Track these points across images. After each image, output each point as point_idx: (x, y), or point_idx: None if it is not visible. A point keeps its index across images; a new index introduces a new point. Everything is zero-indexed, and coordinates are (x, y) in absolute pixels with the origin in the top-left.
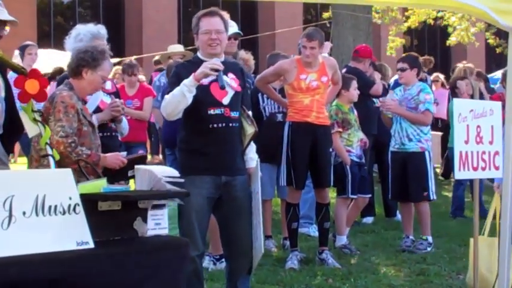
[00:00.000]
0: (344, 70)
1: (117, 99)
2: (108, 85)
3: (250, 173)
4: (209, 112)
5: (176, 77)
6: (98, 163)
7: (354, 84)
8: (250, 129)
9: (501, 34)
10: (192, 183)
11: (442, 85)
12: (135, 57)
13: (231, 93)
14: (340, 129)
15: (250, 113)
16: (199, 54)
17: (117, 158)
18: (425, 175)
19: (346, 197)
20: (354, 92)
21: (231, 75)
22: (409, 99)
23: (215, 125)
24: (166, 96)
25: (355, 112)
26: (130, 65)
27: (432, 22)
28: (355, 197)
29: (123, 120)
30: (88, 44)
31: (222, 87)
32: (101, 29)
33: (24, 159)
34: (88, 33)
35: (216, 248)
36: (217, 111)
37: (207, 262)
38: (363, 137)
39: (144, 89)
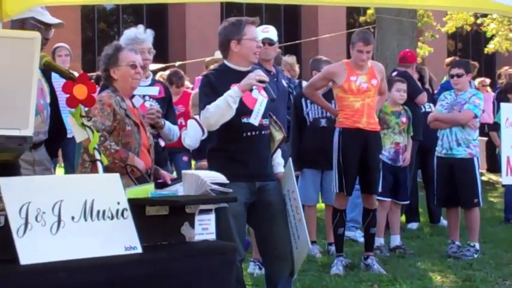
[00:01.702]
0: (395, 73)
1: (154, 107)
2: (155, 91)
3: (279, 178)
4: (243, 121)
5: (209, 87)
6: (126, 160)
7: (397, 85)
8: (278, 134)
9: None
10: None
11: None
12: (178, 63)
13: (261, 100)
14: None
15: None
16: (227, 62)
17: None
18: (474, 181)
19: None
20: (395, 94)
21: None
22: (462, 103)
23: (249, 133)
24: (208, 107)
25: (403, 118)
26: (179, 77)
27: (469, 28)
28: (381, 198)
29: (165, 126)
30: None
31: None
32: (139, 34)
33: None
34: (126, 39)
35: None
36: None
37: (252, 267)
38: (400, 142)
39: (188, 94)
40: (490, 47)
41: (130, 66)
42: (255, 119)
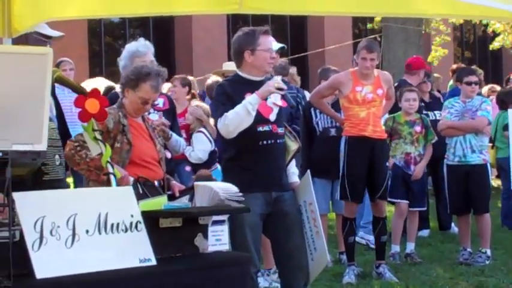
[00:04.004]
0: (396, 84)
1: (159, 120)
2: (160, 103)
3: (294, 188)
4: (258, 129)
5: (225, 95)
6: (103, 169)
7: (405, 95)
8: (294, 145)
9: None
10: (244, 201)
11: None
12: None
13: (276, 109)
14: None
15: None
16: (241, 72)
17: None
18: (488, 187)
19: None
20: (404, 104)
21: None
22: (473, 110)
23: (264, 142)
24: (226, 114)
25: (417, 127)
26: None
27: (478, 21)
28: (396, 200)
29: (172, 138)
30: (141, 64)
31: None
32: (141, 47)
33: None
34: (126, 52)
35: (268, 262)
36: (266, 128)
37: (263, 279)
38: (411, 152)
39: None
40: (496, 44)
41: (142, 101)
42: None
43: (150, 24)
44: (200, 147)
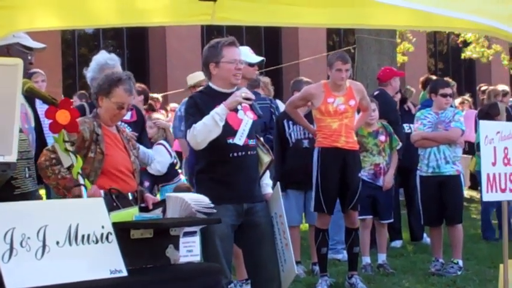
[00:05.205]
0: (377, 93)
1: (126, 131)
2: (128, 115)
3: (267, 199)
4: (228, 141)
5: (195, 107)
6: (70, 190)
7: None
8: (266, 157)
9: None
10: (215, 212)
11: (469, 107)
12: (161, 95)
13: (246, 121)
14: None
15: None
16: (212, 84)
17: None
18: (461, 198)
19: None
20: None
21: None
22: (447, 122)
23: (235, 154)
24: (195, 126)
25: (381, 137)
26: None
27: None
28: (362, 217)
29: (140, 150)
30: (111, 72)
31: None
32: (110, 60)
33: None
34: (95, 64)
35: (241, 273)
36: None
37: None
38: (380, 163)
39: None
40: (468, 53)
41: (118, 106)
42: (239, 140)
43: (124, 35)
44: (159, 159)
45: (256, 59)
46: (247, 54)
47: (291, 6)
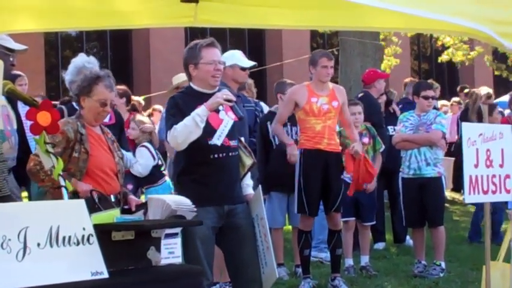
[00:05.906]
0: (361, 95)
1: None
2: (106, 118)
3: (248, 200)
4: (209, 142)
5: (176, 108)
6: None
7: (350, 109)
8: (248, 160)
9: (499, 57)
10: (196, 214)
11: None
12: (143, 97)
13: (226, 121)
14: None
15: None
16: (193, 85)
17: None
18: (442, 200)
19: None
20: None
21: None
22: (428, 124)
23: (216, 155)
24: (175, 127)
25: (364, 139)
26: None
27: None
28: (344, 219)
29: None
30: (88, 71)
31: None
32: (88, 63)
33: None
34: (74, 67)
35: (225, 275)
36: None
37: None
38: None
39: None
40: (444, 57)
41: (100, 103)
42: (218, 139)
43: (107, 37)
44: (142, 162)
45: (249, 63)
46: (239, 58)
47: (274, 9)
